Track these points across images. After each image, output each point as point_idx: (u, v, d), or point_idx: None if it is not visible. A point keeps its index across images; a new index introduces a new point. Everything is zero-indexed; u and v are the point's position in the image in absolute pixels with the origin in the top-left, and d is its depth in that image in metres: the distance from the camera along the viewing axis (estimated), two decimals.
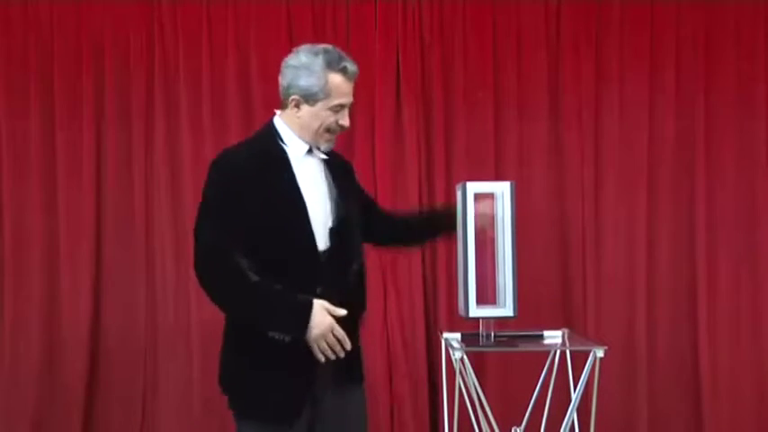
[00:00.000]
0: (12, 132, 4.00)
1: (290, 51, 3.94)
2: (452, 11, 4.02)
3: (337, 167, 2.40)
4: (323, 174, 2.34)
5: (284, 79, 2.30)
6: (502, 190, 2.51)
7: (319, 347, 2.17)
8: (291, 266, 2.20)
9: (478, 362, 3.77)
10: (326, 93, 2.25)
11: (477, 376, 2.68)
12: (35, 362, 3.96)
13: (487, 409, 2.69)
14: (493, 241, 2.51)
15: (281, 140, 2.30)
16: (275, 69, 3.91)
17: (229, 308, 2.23)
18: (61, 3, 4.00)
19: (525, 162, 4.02)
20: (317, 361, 2.19)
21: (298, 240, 2.22)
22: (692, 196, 4.03)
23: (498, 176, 3.95)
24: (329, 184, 2.33)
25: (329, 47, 2.29)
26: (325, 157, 2.35)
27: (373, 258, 3.85)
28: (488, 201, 2.55)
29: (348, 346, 2.19)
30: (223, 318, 2.32)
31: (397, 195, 3.96)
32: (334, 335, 2.17)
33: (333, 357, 2.19)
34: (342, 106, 2.28)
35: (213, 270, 2.18)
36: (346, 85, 2.27)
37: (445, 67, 4.02)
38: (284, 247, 2.21)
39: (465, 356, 2.52)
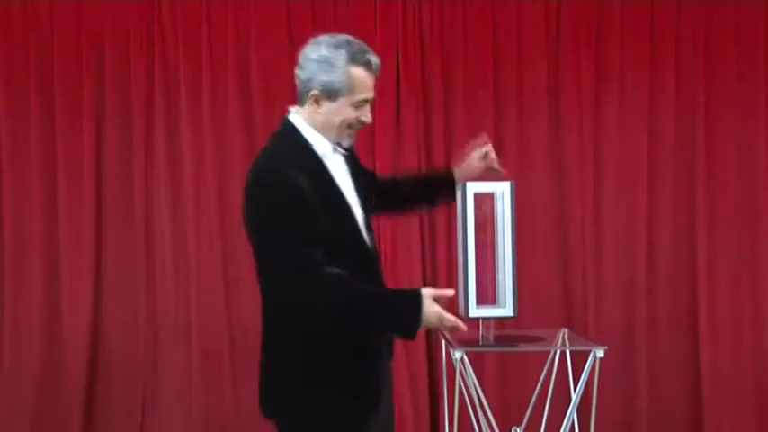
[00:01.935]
0: (12, 132, 4.00)
1: (289, 51, 4.00)
2: (452, 11, 4.02)
3: (350, 157, 2.29)
4: (347, 168, 2.25)
5: (304, 73, 2.13)
6: (502, 190, 2.51)
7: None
8: (354, 267, 2.09)
9: (478, 362, 3.77)
10: (349, 88, 2.10)
11: (477, 376, 2.68)
12: (35, 362, 3.96)
13: (487, 408, 2.69)
14: (493, 241, 2.51)
15: (307, 140, 2.16)
16: (275, 69, 3.99)
17: (341, 320, 2.06)
18: (61, 3, 4.00)
19: (525, 162, 4.02)
20: (383, 376, 2.16)
21: (353, 240, 2.16)
22: (692, 196, 4.03)
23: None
24: (353, 179, 2.25)
25: (351, 38, 2.13)
26: (345, 152, 2.24)
27: None
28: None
29: (464, 328, 2.08)
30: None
31: None
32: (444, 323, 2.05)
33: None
34: (364, 101, 2.14)
35: (316, 287, 2.02)
36: (369, 80, 2.13)
37: (445, 67, 4.02)
38: (345, 249, 2.11)
39: (465, 356, 2.52)
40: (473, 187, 2.49)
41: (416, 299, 2.01)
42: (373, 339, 2.14)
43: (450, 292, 2.08)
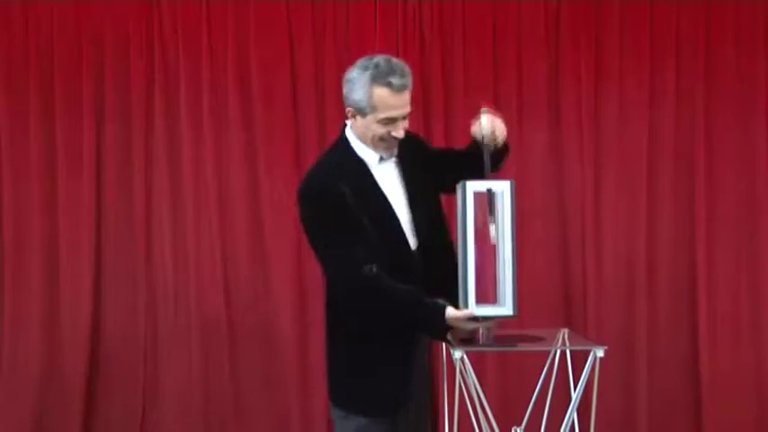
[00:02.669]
0: (12, 132, 4.00)
1: (289, 51, 3.99)
2: (452, 11, 4.02)
3: (407, 157, 2.45)
4: (398, 174, 2.43)
5: (343, 91, 2.37)
6: (502, 189, 2.51)
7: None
8: (393, 268, 2.30)
9: (478, 362, 3.77)
10: (372, 107, 2.29)
11: (477, 376, 2.68)
12: (35, 362, 3.96)
13: (488, 408, 2.68)
14: (493, 240, 2.51)
15: (354, 150, 2.38)
16: (275, 69, 4.00)
17: (370, 317, 2.34)
18: (61, 3, 4.00)
19: (525, 162, 4.02)
20: (412, 354, 2.41)
21: (395, 246, 2.35)
22: (691, 196, 4.03)
23: (498, 176, 3.95)
24: (405, 184, 2.43)
25: (381, 60, 2.32)
26: (395, 159, 2.43)
27: None
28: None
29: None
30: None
31: None
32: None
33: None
34: (390, 119, 2.31)
35: (351, 284, 2.30)
36: (393, 99, 2.29)
37: (445, 67, 4.02)
38: (386, 251, 2.32)
39: (465, 356, 2.52)
40: (473, 186, 2.49)
41: (441, 312, 2.28)
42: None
43: (471, 312, 2.30)
